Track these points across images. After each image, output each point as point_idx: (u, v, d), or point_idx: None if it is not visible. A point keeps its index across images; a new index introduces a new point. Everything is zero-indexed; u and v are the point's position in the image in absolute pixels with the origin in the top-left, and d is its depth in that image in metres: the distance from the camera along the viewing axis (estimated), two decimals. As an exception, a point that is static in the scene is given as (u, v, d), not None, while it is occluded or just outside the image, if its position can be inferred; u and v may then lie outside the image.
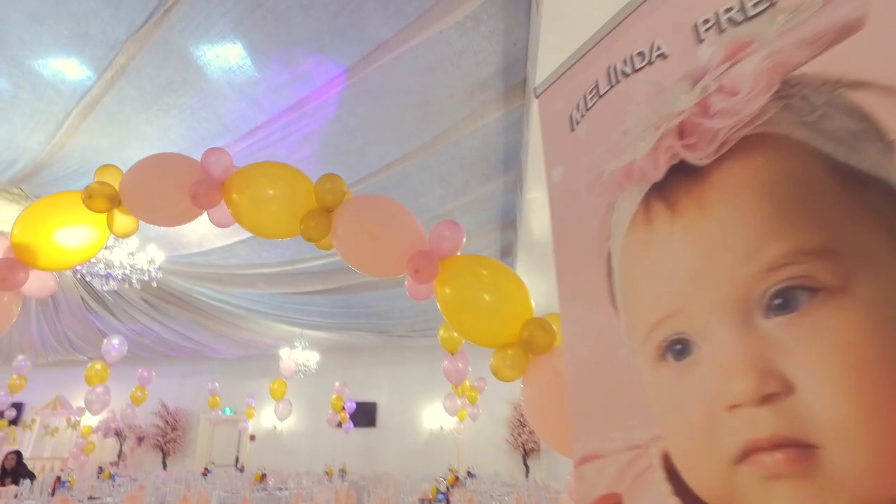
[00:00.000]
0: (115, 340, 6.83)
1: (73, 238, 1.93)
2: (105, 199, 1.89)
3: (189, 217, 1.97)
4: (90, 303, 10.13)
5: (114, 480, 7.19)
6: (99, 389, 6.32)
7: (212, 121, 4.73)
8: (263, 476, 8.15)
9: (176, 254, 6.92)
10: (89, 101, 4.58)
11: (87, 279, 5.78)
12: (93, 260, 5.50)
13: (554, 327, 1.71)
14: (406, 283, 1.85)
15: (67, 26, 3.84)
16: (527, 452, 11.17)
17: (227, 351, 12.23)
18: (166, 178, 1.91)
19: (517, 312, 1.71)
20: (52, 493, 5.52)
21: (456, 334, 6.31)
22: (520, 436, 11.22)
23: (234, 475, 9.60)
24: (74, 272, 5.94)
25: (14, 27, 3.90)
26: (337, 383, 10.56)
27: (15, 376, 9.14)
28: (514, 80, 4.30)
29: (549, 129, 1.46)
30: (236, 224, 1.92)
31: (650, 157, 1.11)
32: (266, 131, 4.79)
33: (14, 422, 11.74)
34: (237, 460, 11.97)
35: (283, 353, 9.93)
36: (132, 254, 5.66)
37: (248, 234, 6.32)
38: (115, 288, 5.74)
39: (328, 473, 9.76)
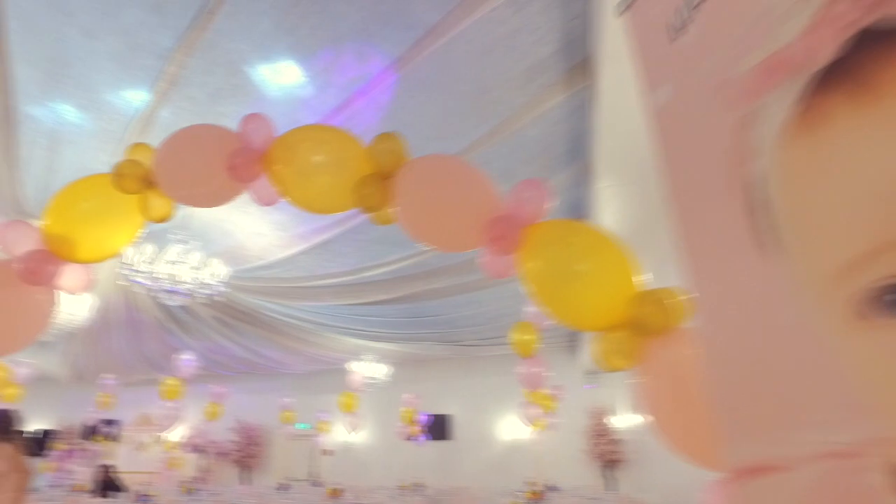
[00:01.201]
0: (187, 356, 6.88)
1: (105, 225, 1.74)
2: (136, 179, 1.68)
3: (228, 194, 1.73)
4: (166, 323, 10.39)
5: (194, 495, 7.22)
6: (170, 405, 6.35)
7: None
8: (338, 491, 7.99)
9: (240, 268, 6.91)
10: (146, 116, 4.56)
11: (155, 295, 5.81)
12: (160, 276, 5.52)
13: (673, 303, 1.33)
14: (481, 258, 1.52)
15: (119, 39, 3.81)
16: (609, 464, 10.49)
17: (298, 366, 12.29)
18: (200, 151, 1.68)
19: (622, 286, 1.35)
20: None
21: (528, 337, 5.93)
22: (599, 446, 10.56)
23: (310, 490, 9.53)
24: (146, 290, 6.01)
25: (71, 44, 3.90)
26: (407, 395, 10.33)
27: (102, 394, 9.50)
28: (575, 59, 3.90)
29: (645, 46, 1.12)
30: (295, 234, 1.71)
31: (809, 38, 0.74)
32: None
33: (112, 438, 12.30)
34: (313, 475, 11.95)
35: (352, 366, 9.80)
36: (197, 269, 5.65)
37: (308, 244, 6.19)
38: (182, 303, 5.75)
39: (404, 488, 9.52)
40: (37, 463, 12.40)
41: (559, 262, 1.38)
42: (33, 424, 13.75)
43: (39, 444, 13.08)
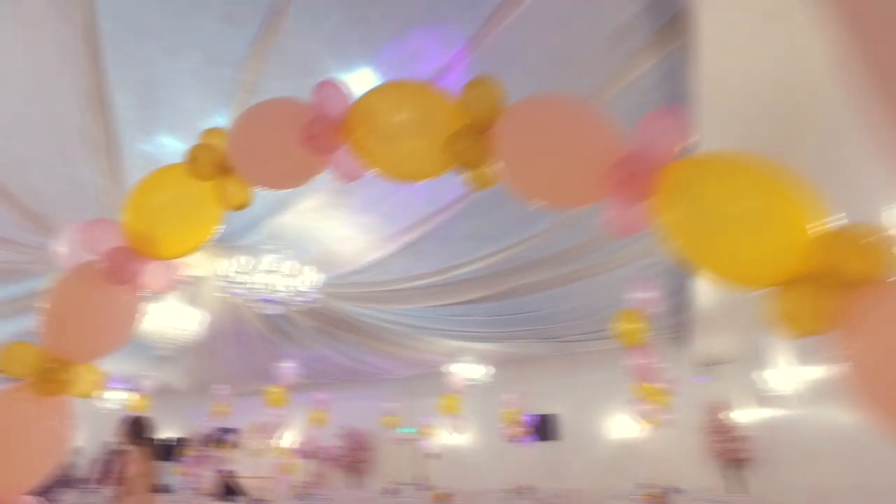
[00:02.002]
0: (287, 364, 7.03)
1: (182, 217, 1.64)
2: (210, 164, 1.55)
3: (306, 172, 1.56)
4: (270, 334, 10.78)
5: (307, 499, 7.36)
6: (277, 412, 6.50)
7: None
8: (446, 495, 7.85)
9: (333, 275, 6.96)
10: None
11: (252, 305, 5.95)
12: (256, 286, 5.64)
13: (876, 243, 0.98)
14: (605, 214, 1.23)
15: (197, 53, 3.84)
16: (733, 463, 9.58)
17: (398, 371, 12.38)
18: (274, 126, 1.52)
19: (798, 227, 1.01)
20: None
21: (634, 326, 5.46)
22: (719, 444, 9.68)
23: (418, 494, 9.48)
24: (244, 300, 6.19)
25: (158, 66, 3.99)
26: (510, 396, 10.04)
27: (216, 404, 10.04)
28: (665, 15, 3.45)
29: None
30: (382, 235, 1.50)
31: None
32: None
33: (232, 445, 13.04)
34: (420, 479, 11.96)
35: (452, 368, 9.66)
36: (291, 277, 5.72)
37: (396, 245, 6.09)
38: (278, 312, 5.83)
39: (513, 491, 9.24)
40: (171, 467, 13.39)
41: (710, 205, 1.06)
42: (165, 433, 14.87)
43: (172, 450, 14.11)
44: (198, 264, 8.47)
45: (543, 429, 10.96)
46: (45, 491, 4.52)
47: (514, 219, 5.64)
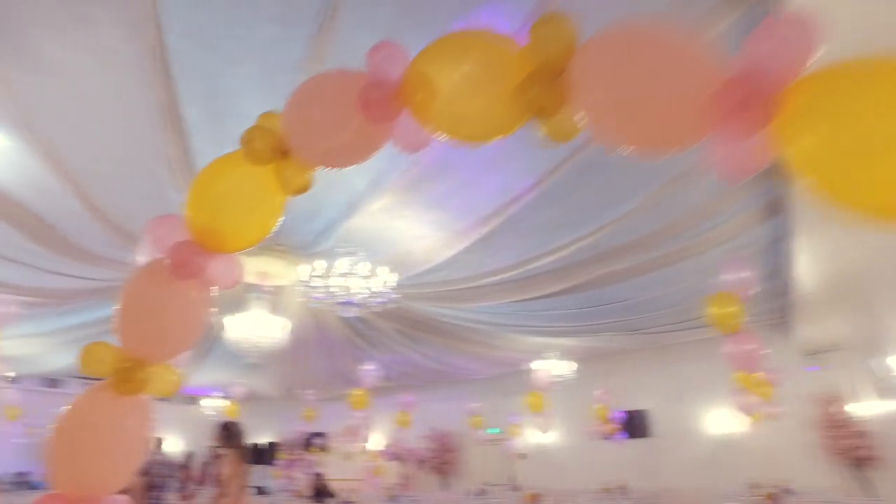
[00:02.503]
0: (369, 366, 7.07)
1: (244, 206, 1.58)
2: (267, 147, 1.48)
3: (367, 145, 1.45)
4: (353, 339, 10.95)
5: (396, 501, 7.38)
6: (361, 415, 6.54)
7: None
8: (537, 495, 7.62)
9: (409, 275, 6.92)
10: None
11: (332, 308, 6.00)
12: (333, 289, 5.69)
13: None
14: (711, 153, 1.02)
15: (256, 59, 3.88)
16: (855, 462, 8.66)
17: (482, 371, 12.25)
18: (329, 97, 1.42)
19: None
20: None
21: (729, 310, 4.98)
22: (837, 440, 8.79)
23: (509, 495, 9.30)
24: (322, 304, 6.26)
25: (223, 77, 4.06)
26: (598, 392, 9.64)
27: (307, 409, 10.35)
28: None
29: None
30: (454, 231, 1.36)
31: None
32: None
33: (323, 448, 13.44)
34: (510, 479, 11.76)
35: (535, 365, 9.40)
36: (367, 278, 5.73)
37: (470, 240, 5.93)
38: (356, 314, 5.85)
39: (606, 490, 8.86)
40: (267, 471, 13.98)
41: (853, 126, 0.84)
42: (259, 438, 15.56)
43: (267, 454, 14.74)
44: (279, 274, 8.74)
45: (633, 426, 10.46)
46: (150, 490, 4.76)
47: (591, 204, 5.35)
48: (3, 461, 10.21)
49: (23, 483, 10.77)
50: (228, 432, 4.40)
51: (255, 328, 8.78)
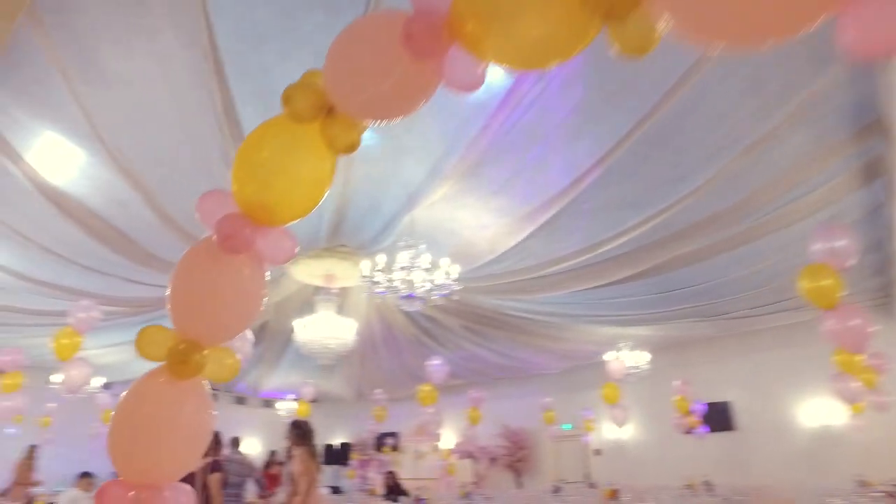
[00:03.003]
0: (436, 361, 6.97)
1: (291, 169, 1.47)
2: (309, 102, 1.37)
3: (416, 88, 1.31)
4: (421, 337, 10.93)
5: (469, 499, 7.24)
6: (427, 411, 6.45)
7: (461, 104, 4.25)
8: (615, 492, 7.28)
9: (473, 267, 6.77)
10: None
11: (395, 303, 5.93)
12: (396, 283, 5.62)
13: None
14: (841, 31, 0.80)
15: (306, 51, 3.82)
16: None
17: (552, 364, 11.93)
18: (369, 45, 1.30)
19: None
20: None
21: (826, 283, 4.48)
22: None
23: (585, 492, 8.97)
24: (383, 299, 6.21)
25: (274, 72, 4.05)
26: (677, 383, 9.13)
27: (377, 408, 10.41)
28: None
29: None
30: (518, 216, 1.18)
31: None
32: (518, 94, 4.10)
33: (395, 448, 13.55)
34: (587, 476, 11.40)
35: (609, 356, 9.02)
36: (428, 270, 5.63)
37: (534, 225, 5.72)
38: (420, 308, 5.76)
39: (690, 487, 8.37)
40: (342, 471, 14.23)
41: None
42: (333, 439, 15.87)
43: (341, 455, 15.01)
44: (345, 275, 8.83)
45: (715, 418, 9.84)
46: (226, 486, 4.83)
47: (660, 179, 4.99)
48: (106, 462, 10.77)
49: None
50: (298, 431, 4.56)
51: (324, 330, 8.92)
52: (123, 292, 7.46)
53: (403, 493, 7.83)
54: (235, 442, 6.29)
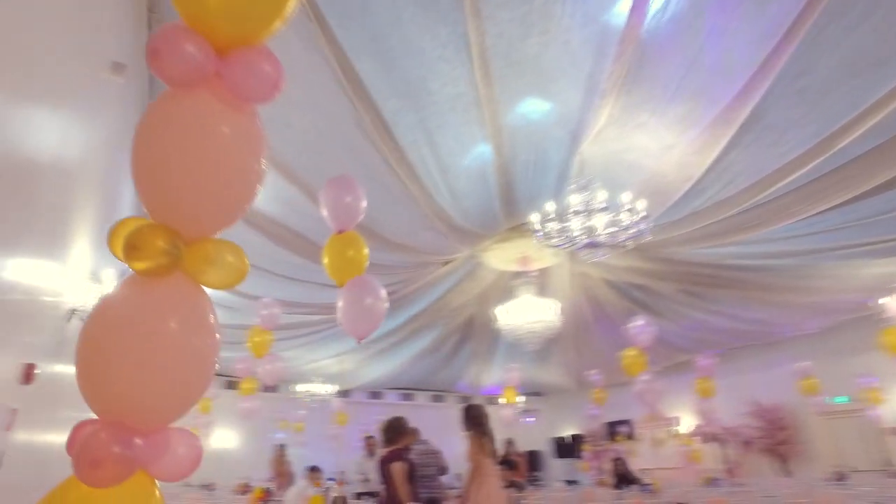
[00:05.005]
0: (639, 322, 5.97)
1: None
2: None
3: None
4: (635, 310, 9.72)
5: (715, 486, 6.03)
6: (643, 378, 5.51)
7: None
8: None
9: (668, 206, 5.63)
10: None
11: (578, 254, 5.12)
12: (573, 231, 4.86)
13: None
14: None
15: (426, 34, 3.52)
16: None
17: (804, 324, 9.63)
18: None
19: None
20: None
21: None
22: None
23: (887, 483, 6.85)
24: (559, 250, 5.41)
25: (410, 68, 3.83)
26: None
27: (595, 391, 9.62)
28: None
29: None
30: (709, 121, 0.72)
31: None
32: None
33: (629, 437, 12.47)
34: (883, 462, 8.91)
35: (884, 301, 6.83)
36: (607, 210, 4.74)
37: (733, 127, 4.40)
38: (606, 255, 4.88)
39: None
40: (575, 464, 13.56)
41: None
42: (562, 431, 15.27)
43: (571, 448, 14.34)
44: (540, 255, 8.31)
45: None
46: (425, 479, 4.60)
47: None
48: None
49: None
50: (468, 415, 4.44)
51: (526, 314, 8.57)
52: (321, 298, 7.71)
53: (634, 481, 6.91)
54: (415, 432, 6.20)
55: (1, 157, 2.37)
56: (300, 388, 12.20)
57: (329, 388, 12.43)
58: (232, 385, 9.42)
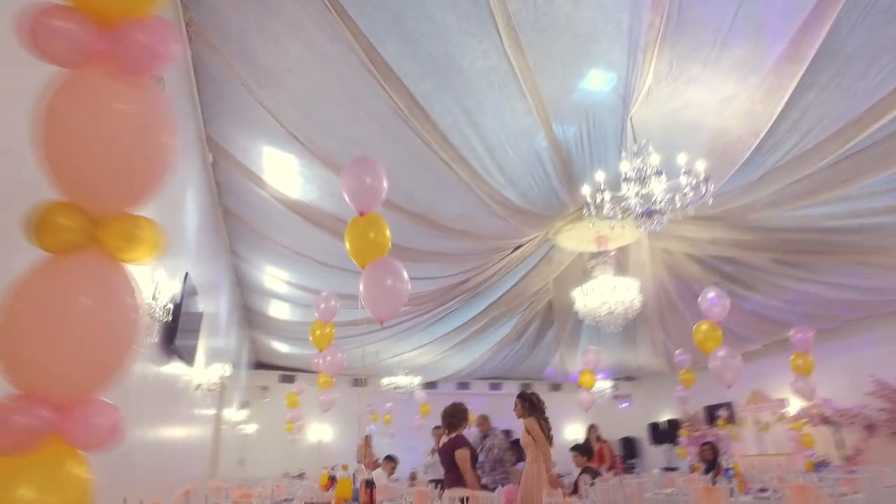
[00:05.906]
0: (711, 294, 5.47)
1: None
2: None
3: None
4: (726, 284, 8.99)
5: (818, 471, 5.43)
6: (720, 354, 5.01)
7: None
8: None
9: (740, 164, 5.08)
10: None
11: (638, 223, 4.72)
12: (628, 199, 4.50)
13: None
14: None
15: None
16: None
17: (929, 289, 8.47)
18: None
19: None
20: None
21: None
22: None
23: None
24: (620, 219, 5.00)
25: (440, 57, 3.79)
26: None
27: (683, 371, 9.09)
28: None
29: None
30: (770, 59, 0.69)
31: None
32: None
33: (729, 420, 11.67)
34: None
35: None
36: (662, 174, 4.34)
37: (803, 66, 3.82)
38: (663, 224, 4.46)
39: None
40: (674, 450, 12.85)
41: None
42: (659, 416, 14.51)
43: (670, 433, 13.59)
44: (617, 236, 7.92)
45: None
46: (496, 463, 4.51)
47: None
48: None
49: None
50: (524, 402, 4.64)
51: (605, 294, 8.21)
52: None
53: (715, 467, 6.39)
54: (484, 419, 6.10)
55: None
56: (386, 381, 12.51)
57: (413, 381, 12.63)
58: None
